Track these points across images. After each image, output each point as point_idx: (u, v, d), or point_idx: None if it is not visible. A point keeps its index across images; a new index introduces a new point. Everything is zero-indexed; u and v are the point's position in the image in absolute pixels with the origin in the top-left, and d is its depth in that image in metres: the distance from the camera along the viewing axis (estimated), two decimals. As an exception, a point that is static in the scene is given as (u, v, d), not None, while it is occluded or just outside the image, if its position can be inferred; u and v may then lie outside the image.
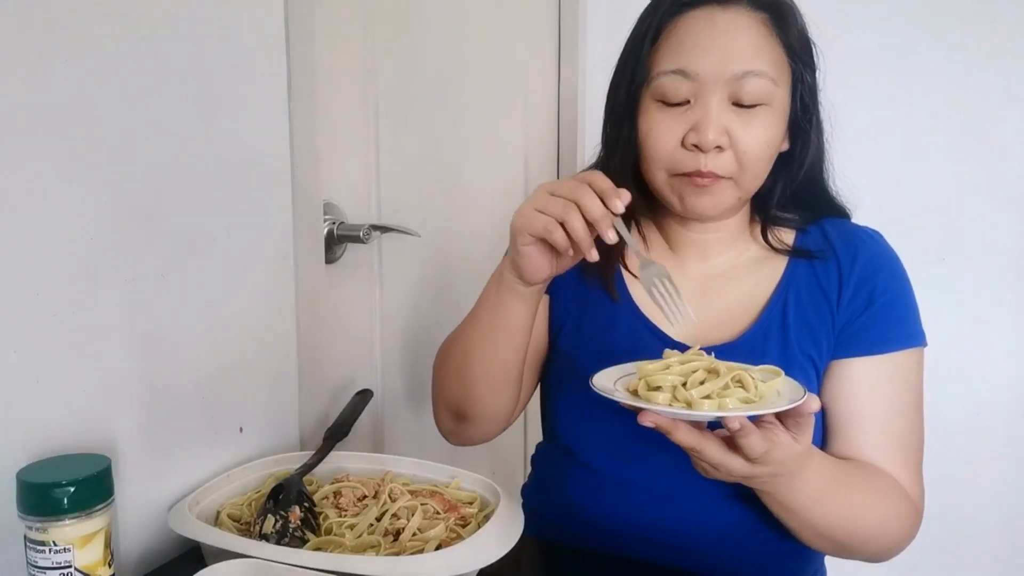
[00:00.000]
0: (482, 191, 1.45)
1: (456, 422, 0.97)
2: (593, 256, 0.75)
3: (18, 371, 0.67)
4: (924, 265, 0.96)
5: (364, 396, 1.06)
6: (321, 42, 1.03)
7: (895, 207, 1.36)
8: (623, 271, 0.95)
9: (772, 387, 0.71)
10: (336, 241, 1.13)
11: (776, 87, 0.83)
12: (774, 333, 0.88)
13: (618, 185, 0.91)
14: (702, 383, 0.69)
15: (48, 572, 0.62)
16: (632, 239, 0.77)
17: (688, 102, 0.83)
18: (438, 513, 0.81)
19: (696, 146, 0.82)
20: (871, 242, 0.92)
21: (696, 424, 0.69)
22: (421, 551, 0.74)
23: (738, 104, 0.82)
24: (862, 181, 0.98)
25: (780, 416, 0.69)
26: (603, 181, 0.75)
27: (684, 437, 0.68)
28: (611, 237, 0.73)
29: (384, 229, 1.19)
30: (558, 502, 0.94)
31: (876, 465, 0.85)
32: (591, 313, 0.94)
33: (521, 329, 0.88)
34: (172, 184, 0.81)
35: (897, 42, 1.43)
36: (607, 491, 0.90)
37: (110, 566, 0.65)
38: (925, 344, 0.89)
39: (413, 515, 0.78)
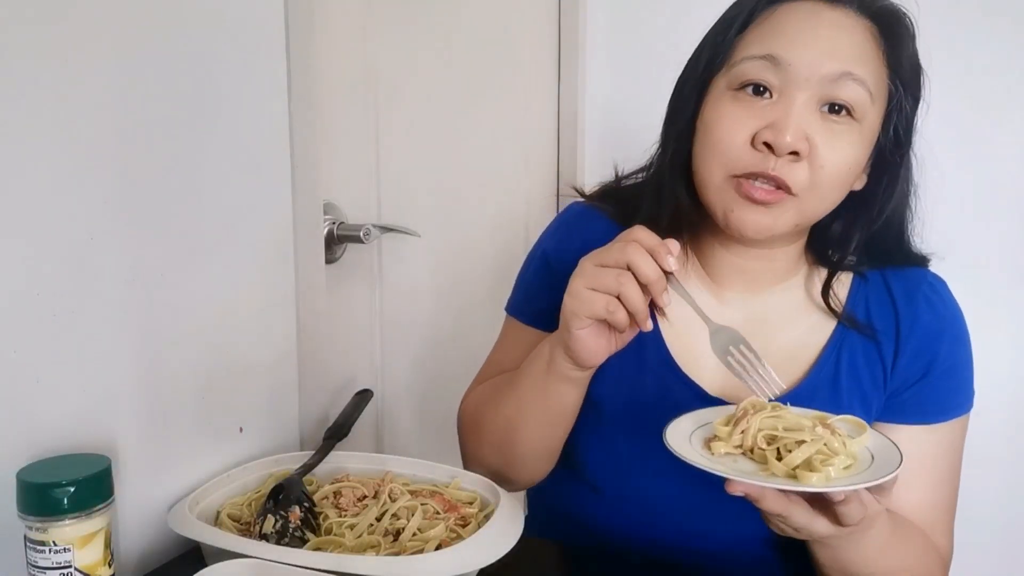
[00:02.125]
0: (482, 191, 1.45)
1: (495, 481, 0.90)
2: (648, 327, 0.69)
3: (18, 371, 0.67)
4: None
5: (364, 396, 1.06)
6: (321, 42, 1.03)
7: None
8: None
9: (861, 444, 0.66)
10: (336, 241, 1.12)
11: (871, 103, 0.73)
12: (824, 393, 0.81)
13: (669, 189, 0.80)
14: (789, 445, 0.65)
15: (48, 572, 0.62)
16: (691, 298, 0.70)
17: (769, 96, 0.73)
18: (438, 513, 0.81)
19: (768, 145, 0.71)
20: (935, 298, 0.84)
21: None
22: (421, 551, 0.73)
23: (827, 110, 0.72)
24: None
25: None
26: (648, 236, 0.68)
27: (772, 505, 0.62)
28: (666, 301, 0.68)
29: (384, 229, 1.19)
30: (566, 518, 0.92)
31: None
32: (619, 354, 0.84)
33: (572, 412, 0.82)
34: (172, 184, 0.81)
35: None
36: (619, 517, 0.88)
37: (110, 566, 0.65)
38: (972, 406, 0.84)
39: (413, 515, 0.78)
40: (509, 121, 1.53)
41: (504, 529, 0.75)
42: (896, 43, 0.76)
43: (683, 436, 0.69)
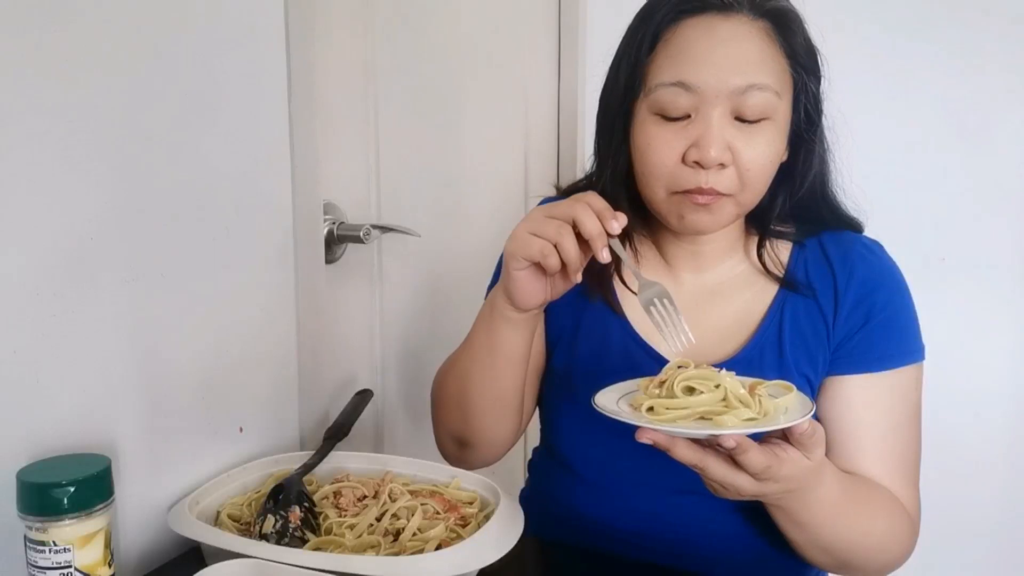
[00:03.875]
0: (482, 191, 1.45)
1: (458, 448, 0.96)
2: (577, 279, 0.75)
3: (18, 371, 0.67)
4: (925, 265, 0.95)
5: (364, 396, 1.06)
6: (321, 42, 1.03)
7: (895, 207, 1.36)
8: (618, 289, 0.92)
9: (780, 404, 0.69)
10: (336, 241, 1.13)
11: (779, 99, 0.80)
12: (770, 352, 0.86)
13: (612, 200, 0.87)
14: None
15: (48, 572, 0.62)
16: (628, 257, 0.77)
17: (688, 116, 0.80)
18: (438, 513, 0.81)
19: (697, 163, 0.79)
20: (870, 256, 0.89)
21: (698, 442, 0.67)
22: (421, 551, 0.74)
23: (740, 119, 0.79)
24: (862, 182, 0.97)
25: (786, 433, 0.67)
26: (599, 201, 0.74)
27: (684, 454, 0.66)
28: (604, 256, 0.72)
29: (384, 229, 1.19)
30: (556, 511, 0.94)
31: (875, 480, 0.84)
32: (586, 331, 0.92)
33: (517, 358, 0.86)
34: (172, 184, 0.81)
35: (895, 42, 1.43)
36: (604, 501, 0.90)
37: (110, 566, 0.65)
38: (923, 358, 0.87)
39: (413, 515, 0.78)
40: (509, 121, 1.53)
41: (504, 529, 0.75)
42: (790, 35, 0.81)
43: (611, 400, 0.73)
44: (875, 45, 1.43)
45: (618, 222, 0.73)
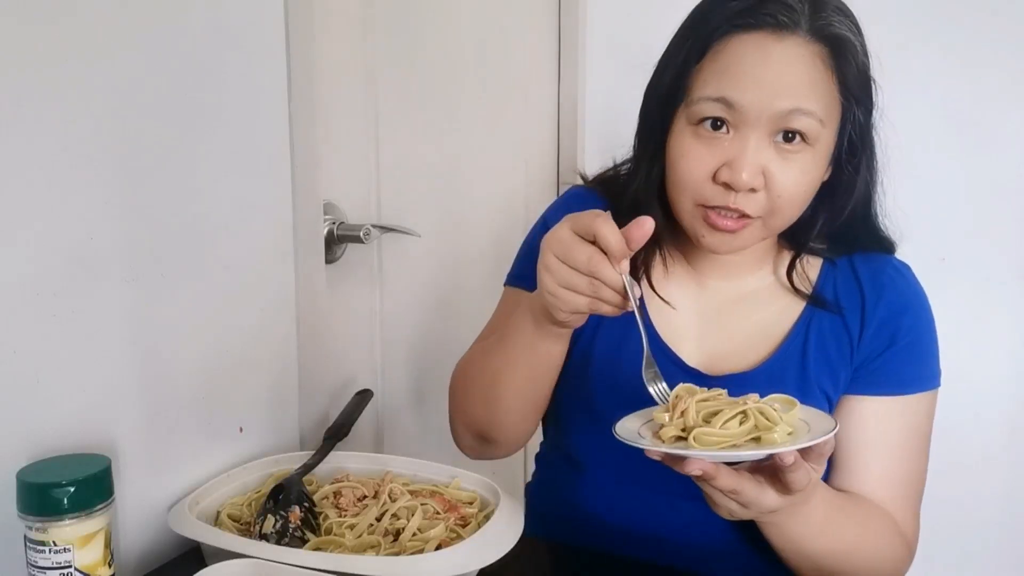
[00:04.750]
0: (482, 191, 1.45)
1: (479, 443, 0.95)
2: (631, 307, 0.72)
3: (18, 371, 0.67)
4: (924, 265, 0.95)
5: (364, 396, 1.06)
6: (321, 42, 1.03)
7: (895, 206, 1.36)
8: (645, 291, 0.90)
9: (795, 416, 0.69)
10: (336, 241, 1.13)
11: (823, 128, 0.77)
12: (793, 366, 0.86)
13: (644, 205, 0.86)
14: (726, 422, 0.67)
15: (48, 572, 0.62)
16: (640, 311, 0.74)
17: (726, 131, 0.78)
18: (438, 513, 0.81)
19: (727, 184, 0.77)
20: (899, 279, 0.88)
21: (733, 467, 0.67)
22: (421, 551, 0.74)
23: (779, 142, 0.77)
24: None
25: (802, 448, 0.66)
26: (613, 241, 0.68)
27: (725, 481, 0.65)
28: (631, 307, 0.71)
29: (384, 229, 1.19)
30: (561, 506, 0.94)
31: (874, 501, 0.84)
32: (607, 327, 0.90)
33: (557, 364, 0.86)
34: (172, 183, 0.81)
35: (895, 41, 1.43)
36: (608, 499, 0.90)
37: (110, 566, 0.65)
38: (939, 385, 0.88)
39: (413, 515, 0.78)
40: (509, 121, 1.53)
41: (504, 529, 0.75)
42: (844, 63, 0.78)
43: (632, 432, 0.71)
44: (875, 45, 1.43)
45: (628, 258, 0.69)
